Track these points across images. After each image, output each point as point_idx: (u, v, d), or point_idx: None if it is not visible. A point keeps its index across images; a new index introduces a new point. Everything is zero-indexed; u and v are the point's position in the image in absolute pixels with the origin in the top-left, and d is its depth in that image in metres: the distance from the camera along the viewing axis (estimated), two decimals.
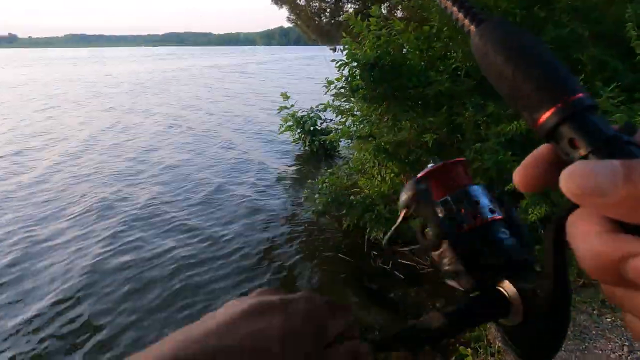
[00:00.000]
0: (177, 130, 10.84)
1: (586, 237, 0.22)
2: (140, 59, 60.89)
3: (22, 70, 36.93)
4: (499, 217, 0.37)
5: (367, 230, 4.00)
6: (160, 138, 9.94)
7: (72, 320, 3.43)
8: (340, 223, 4.57)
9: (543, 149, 0.27)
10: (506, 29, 0.28)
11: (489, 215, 0.37)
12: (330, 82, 3.49)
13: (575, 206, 0.23)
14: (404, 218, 0.41)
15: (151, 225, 5.09)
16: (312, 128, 7.93)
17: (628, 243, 0.21)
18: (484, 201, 0.38)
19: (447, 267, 0.37)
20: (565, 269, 0.28)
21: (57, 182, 6.70)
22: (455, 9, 0.32)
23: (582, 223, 0.23)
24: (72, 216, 5.37)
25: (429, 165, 0.41)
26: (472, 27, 0.30)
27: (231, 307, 0.34)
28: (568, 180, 0.22)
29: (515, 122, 2.65)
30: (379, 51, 3.13)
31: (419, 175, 0.41)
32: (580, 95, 0.25)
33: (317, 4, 8.78)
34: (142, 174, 7.10)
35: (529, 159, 0.27)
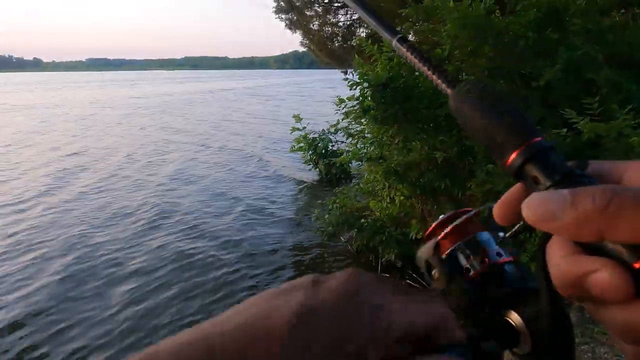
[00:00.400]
0: (199, 150, 11.02)
1: (555, 261, 0.26)
2: (163, 82, 64.55)
3: (52, 93, 38.62)
4: (507, 259, 0.40)
5: (380, 252, 3.93)
6: (185, 156, 10.09)
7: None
8: (351, 244, 4.51)
9: (515, 187, 0.31)
10: (476, 90, 0.34)
11: (496, 259, 0.40)
12: (341, 101, 3.50)
13: (550, 234, 0.27)
14: (416, 240, 0.49)
15: (161, 230, 5.10)
16: (323, 150, 7.96)
17: (587, 262, 0.24)
18: (492, 246, 0.41)
19: (455, 308, 0.38)
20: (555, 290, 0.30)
21: (105, 195, 6.97)
22: (431, 74, 0.39)
23: (553, 248, 0.26)
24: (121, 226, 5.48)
25: (441, 217, 0.44)
26: (449, 90, 0.36)
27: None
28: (526, 209, 0.26)
29: None
30: (391, 73, 3.14)
31: (430, 227, 0.45)
32: (540, 138, 0.30)
33: (329, 29, 8.94)
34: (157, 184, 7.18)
35: (504, 196, 0.31)
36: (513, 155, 0.29)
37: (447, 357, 0.26)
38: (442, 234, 0.43)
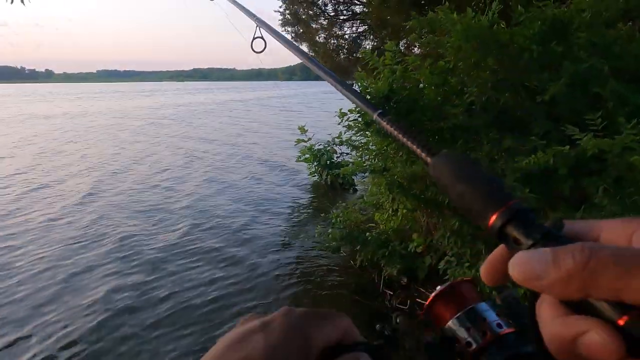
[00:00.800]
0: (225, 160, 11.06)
1: (546, 322, 0.27)
2: (177, 93, 66.03)
3: (70, 104, 39.47)
4: (508, 330, 0.40)
5: (382, 267, 3.87)
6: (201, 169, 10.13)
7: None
8: (354, 259, 4.45)
9: (498, 249, 0.32)
10: (453, 160, 0.37)
11: (498, 330, 0.40)
12: (343, 114, 3.48)
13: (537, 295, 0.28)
14: (419, 254, 0.52)
15: (160, 249, 5.08)
16: (328, 162, 7.95)
17: (576, 323, 0.25)
18: (492, 317, 0.42)
19: None
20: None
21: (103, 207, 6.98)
22: (411, 144, 0.43)
23: (543, 308, 0.27)
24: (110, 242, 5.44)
25: (438, 288, 0.46)
26: (428, 159, 0.40)
27: (215, 345, 0.34)
28: (512, 269, 0.27)
29: (533, 156, 2.55)
30: (394, 85, 3.12)
31: (427, 301, 0.47)
32: (516, 201, 0.31)
33: (335, 41, 9.00)
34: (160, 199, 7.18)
35: (489, 258, 0.33)
36: (493, 218, 0.31)
37: (354, 353, 0.33)
38: (431, 297, 0.45)
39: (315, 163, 8.06)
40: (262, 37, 1.30)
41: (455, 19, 2.99)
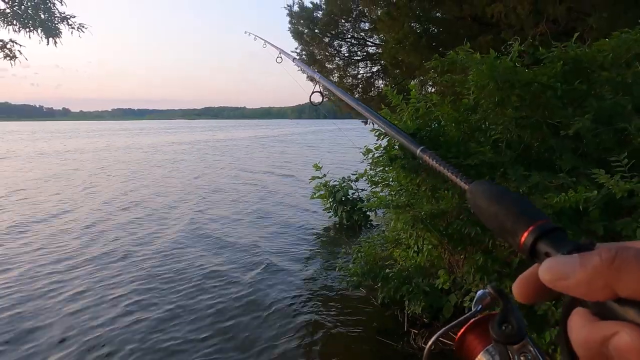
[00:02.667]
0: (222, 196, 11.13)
1: (576, 329, 0.28)
2: (191, 130, 70.49)
3: (91, 140, 41.67)
4: None
5: (406, 305, 3.79)
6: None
7: None
8: (375, 296, 4.37)
9: (532, 268, 0.33)
10: (487, 186, 0.41)
11: None
12: (368, 150, 3.54)
13: (571, 306, 0.29)
14: (443, 291, 0.56)
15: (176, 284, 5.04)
16: (343, 198, 7.96)
17: (605, 326, 0.26)
18: None
19: None
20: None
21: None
22: (450, 174, 0.49)
23: (574, 318, 0.29)
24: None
25: (471, 320, 0.48)
26: (465, 186, 0.44)
27: None
28: (543, 272, 0.29)
29: (563, 195, 2.55)
30: (419, 121, 3.19)
31: (458, 334, 0.49)
32: (547, 220, 0.33)
33: (350, 80, 9.24)
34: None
35: (522, 276, 0.34)
36: (525, 235, 0.33)
37: None
38: (462, 331, 0.47)
39: (330, 199, 8.07)
40: (320, 92, 1.44)
41: (478, 58, 3.08)
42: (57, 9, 5.98)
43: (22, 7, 5.77)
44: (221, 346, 3.87)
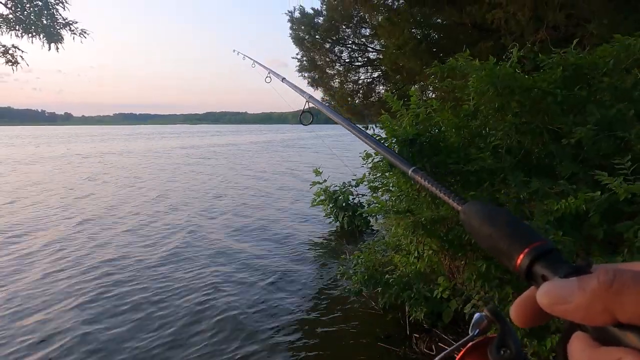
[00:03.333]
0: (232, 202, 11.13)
1: (576, 355, 0.28)
2: (195, 135, 71.18)
3: (103, 144, 42.42)
4: None
5: (408, 311, 3.77)
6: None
7: None
8: (377, 301, 4.35)
9: (529, 291, 0.33)
10: (480, 207, 0.41)
11: None
12: (368, 155, 3.54)
13: (570, 330, 0.29)
14: (443, 298, 0.54)
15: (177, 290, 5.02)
16: (344, 204, 7.95)
17: (608, 353, 0.25)
18: None
19: None
20: None
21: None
22: (443, 195, 0.49)
23: (574, 343, 0.28)
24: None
25: (470, 343, 0.48)
26: (459, 207, 0.44)
27: None
28: (541, 297, 0.29)
29: (564, 201, 2.54)
30: (420, 127, 3.19)
31: (460, 353, 0.49)
32: (543, 242, 0.33)
33: (350, 86, 9.27)
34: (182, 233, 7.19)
35: (519, 299, 0.33)
36: (520, 257, 0.33)
37: None
38: (459, 355, 0.47)
39: (331, 205, 8.07)
40: (309, 111, 1.44)
41: (477, 65, 3.09)
42: (60, 14, 6.01)
43: (25, 12, 5.82)
44: (221, 349, 3.86)
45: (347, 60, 9.12)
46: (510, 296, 3.22)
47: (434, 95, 6.61)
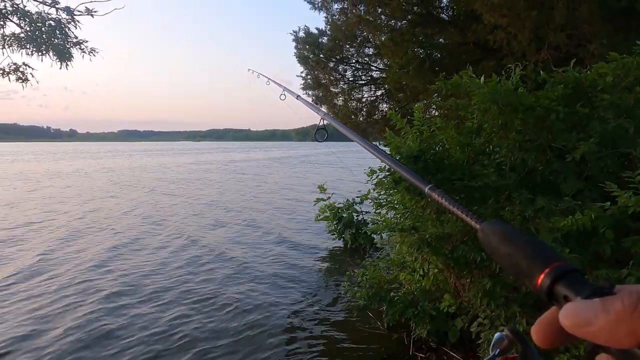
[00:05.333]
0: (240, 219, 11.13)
1: None
2: (201, 152, 72.16)
3: (119, 160, 43.70)
4: None
5: (412, 329, 3.73)
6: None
7: None
8: (381, 320, 4.31)
9: (550, 311, 0.33)
10: (499, 226, 0.40)
11: None
12: (372, 172, 3.56)
13: (594, 352, 0.29)
14: (450, 315, 0.56)
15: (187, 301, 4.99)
16: (348, 221, 7.93)
17: None
18: None
19: None
20: None
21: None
22: (460, 213, 0.48)
23: None
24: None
25: (488, 357, 0.50)
26: (477, 226, 0.44)
27: None
28: (564, 318, 0.28)
29: (571, 217, 2.55)
30: (424, 144, 3.22)
31: None
32: (562, 261, 0.33)
33: (354, 104, 9.37)
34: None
35: (540, 320, 0.33)
36: (541, 277, 0.33)
37: None
38: None
39: (335, 221, 8.05)
40: (324, 128, 1.46)
41: (480, 83, 3.13)
42: (71, 32, 6.16)
43: (37, 32, 5.96)
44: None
45: (350, 79, 9.24)
46: (517, 315, 3.19)
47: (437, 114, 6.68)
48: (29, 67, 6.45)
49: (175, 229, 9.80)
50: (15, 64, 6.41)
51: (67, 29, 6.04)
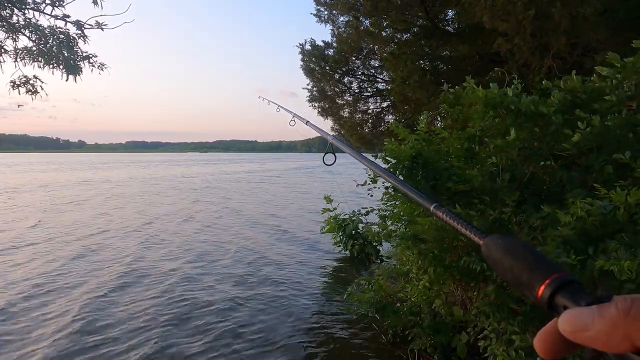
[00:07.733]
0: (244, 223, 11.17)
1: None
2: (209, 163, 74.41)
3: (117, 171, 43.78)
4: None
5: (415, 341, 3.68)
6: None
7: None
8: (385, 333, 4.25)
9: (551, 322, 0.33)
10: (501, 240, 0.42)
11: None
12: (373, 180, 3.57)
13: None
14: (455, 328, 0.55)
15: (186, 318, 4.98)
16: (353, 232, 7.91)
17: None
18: None
19: None
20: None
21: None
22: (464, 230, 0.50)
23: None
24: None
25: None
26: (480, 241, 0.45)
27: None
28: (563, 323, 0.30)
29: (572, 209, 2.53)
30: (418, 147, 3.26)
31: None
32: (562, 273, 0.34)
33: (359, 116, 9.41)
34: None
35: (542, 331, 0.34)
36: (542, 288, 0.34)
37: None
38: None
39: (340, 233, 8.03)
40: (332, 152, 1.48)
41: (481, 92, 3.15)
42: (79, 47, 6.28)
43: (48, 45, 6.08)
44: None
45: (356, 91, 9.30)
46: (520, 330, 3.14)
47: (441, 125, 6.69)
48: (39, 79, 6.58)
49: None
50: (25, 76, 6.54)
51: (76, 43, 6.16)
